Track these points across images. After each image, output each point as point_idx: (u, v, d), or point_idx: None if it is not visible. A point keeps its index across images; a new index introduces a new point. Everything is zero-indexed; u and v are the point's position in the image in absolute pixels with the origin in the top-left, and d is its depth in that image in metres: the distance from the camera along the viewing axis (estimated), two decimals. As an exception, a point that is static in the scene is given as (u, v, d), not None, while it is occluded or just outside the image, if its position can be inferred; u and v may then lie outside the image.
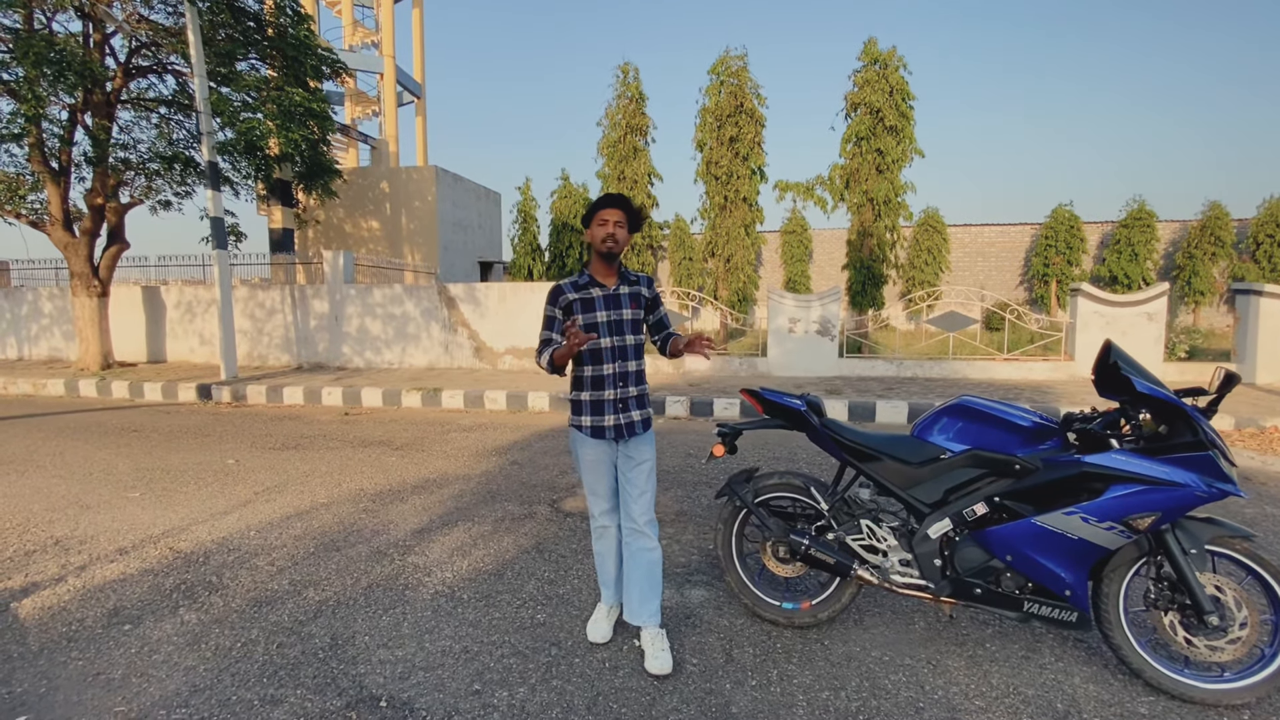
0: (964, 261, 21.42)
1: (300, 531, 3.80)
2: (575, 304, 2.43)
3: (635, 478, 2.47)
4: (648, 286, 2.55)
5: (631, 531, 2.49)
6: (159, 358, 11.79)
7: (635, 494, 2.48)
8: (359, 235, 16.76)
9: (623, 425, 2.44)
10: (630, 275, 2.54)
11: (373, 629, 2.70)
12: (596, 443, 2.47)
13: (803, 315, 9.69)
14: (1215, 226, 17.99)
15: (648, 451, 2.50)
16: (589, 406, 2.46)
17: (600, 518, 2.55)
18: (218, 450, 5.83)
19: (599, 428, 2.45)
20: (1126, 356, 2.27)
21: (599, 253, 2.42)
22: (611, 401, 2.43)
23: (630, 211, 2.40)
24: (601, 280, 2.47)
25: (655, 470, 2.52)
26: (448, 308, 10.65)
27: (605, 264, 2.46)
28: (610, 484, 2.52)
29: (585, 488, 2.55)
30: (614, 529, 2.56)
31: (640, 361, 2.50)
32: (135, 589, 3.09)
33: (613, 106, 11.84)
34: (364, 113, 22.30)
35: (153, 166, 10.36)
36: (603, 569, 2.63)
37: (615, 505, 2.54)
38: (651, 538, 2.48)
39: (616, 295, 2.46)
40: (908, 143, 10.37)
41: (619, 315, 2.44)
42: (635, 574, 2.48)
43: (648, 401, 2.55)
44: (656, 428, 6.67)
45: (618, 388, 2.44)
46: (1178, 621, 2.22)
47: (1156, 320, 9.01)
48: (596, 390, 2.44)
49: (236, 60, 10.32)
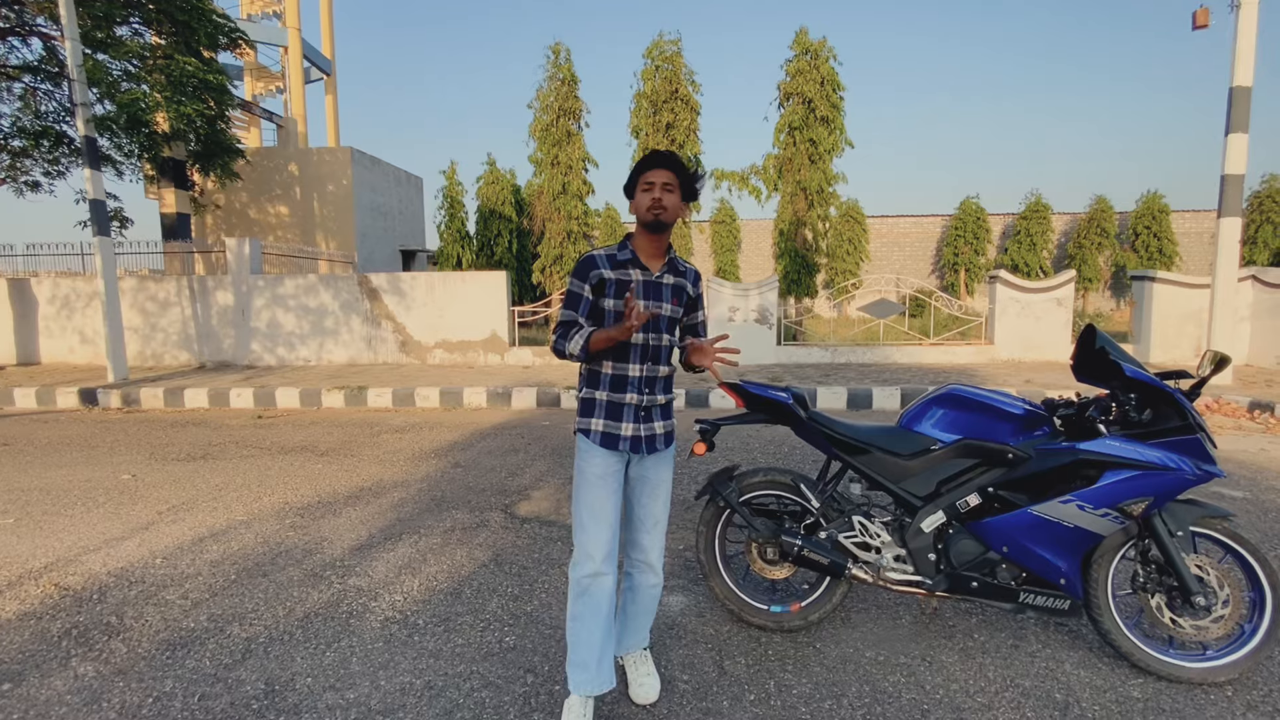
0: (881, 251, 22.34)
1: (217, 556, 3.34)
2: (610, 284, 1.94)
3: (651, 504, 2.07)
4: (694, 283, 2.09)
5: (640, 565, 2.10)
6: (31, 359, 10.42)
7: (650, 523, 2.08)
8: (266, 221, 15.48)
9: (643, 438, 1.99)
10: (680, 264, 2.07)
11: (316, 668, 2.35)
12: (607, 454, 1.99)
13: (741, 304, 9.71)
14: (1101, 219, 19.57)
15: (667, 473, 2.10)
16: (604, 407, 1.99)
17: (599, 563, 1.94)
18: (109, 464, 5.13)
19: (612, 435, 1.97)
20: (1113, 342, 2.26)
21: (644, 224, 1.95)
22: (633, 407, 1.99)
23: (682, 172, 1.93)
24: (645, 261, 1.99)
25: (670, 495, 2.12)
26: (369, 299, 9.97)
27: (652, 239, 1.98)
28: (616, 510, 2.01)
29: (578, 517, 1.99)
30: (610, 579, 1.97)
31: (671, 367, 2.07)
32: (14, 638, 2.58)
33: (544, 89, 11.40)
34: (266, 89, 20.62)
35: (17, 143, 9.08)
36: (583, 641, 1.95)
37: (616, 544, 2.01)
38: (659, 573, 2.12)
39: (659, 284, 1.99)
40: (839, 133, 10.56)
41: (658, 308, 1.97)
42: (633, 609, 2.14)
43: (672, 413, 2.12)
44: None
45: (643, 393, 1.99)
46: (1164, 603, 2.24)
47: (1065, 305, 9.62)
48: (616, 392, 1.98)
49: (116, 24, 9.19)
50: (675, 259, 2.06)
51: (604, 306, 1.95)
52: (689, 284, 2.07)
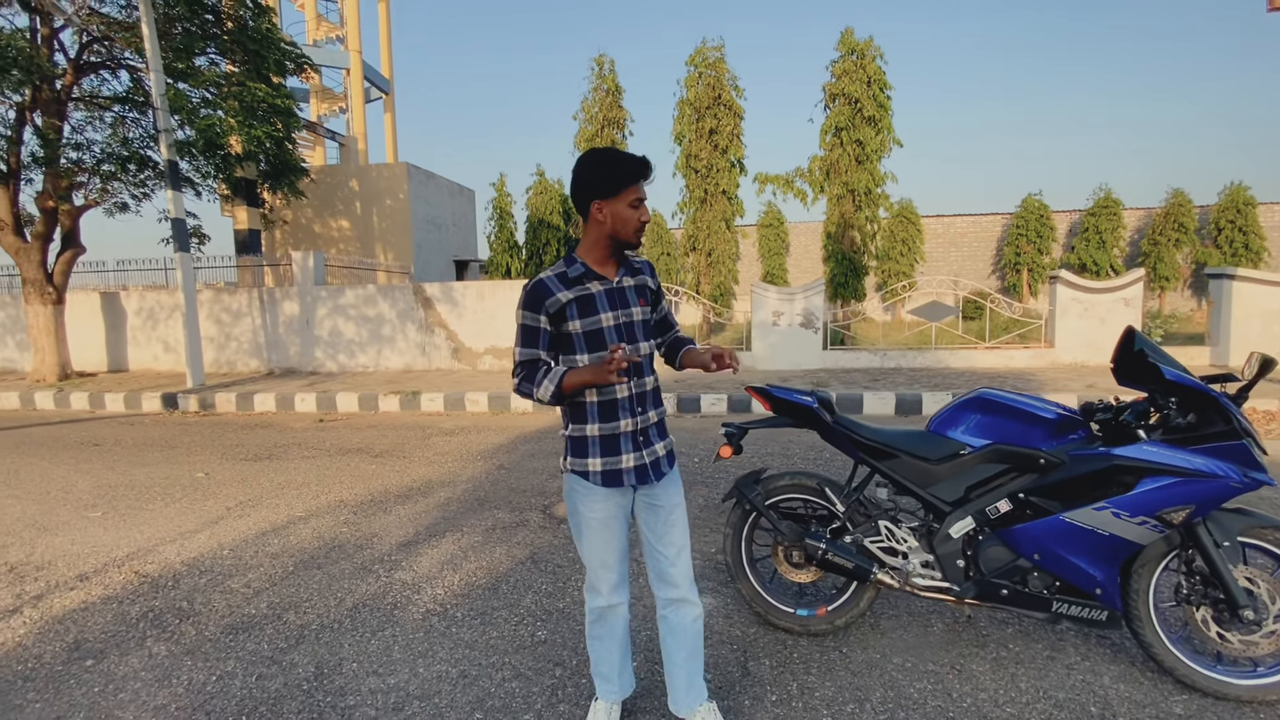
0: (937, 252, 21.65)
1: (278, 549, 3.58)
2: (570, 306, 1.74)
3: (668, 533, 1.88)
4: (652, 275, 1.92)
5: (673, 603, 1.90)
6: (120, 366, 11.29)
7: (672, 555, 1.88)
8: (329, 235, 16.29)
9: (647, 465, 1.82)
10: (634, 262, 1.88)
11: (361, 654, 2.51)
12: (609, 493, 1.81)
13: (786, 308, 9.62)
14: (1178, 213, 18.42)
15: (677, 495, 1.91)
16: (599, 444, 1.80)
17: (609, 595, 1.88)
18: (186, 463, 5.53)
19: (614, 472, 1.80)
20: (1153, 344, 2.18)
21: (620, 240, 1.76)
22: (629, 435, 1.80)
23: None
24: (600, 270, 1.80)
25: (687, 515, 1.95)
26: (424, 308, 10.36)
27: (611, 250, 1.80)
28: (624, 547, 1.89)
29: (586, 558, 1.87)
30: (623, 606, 1.92)
31: (656, 376, 1.91)
32: (98, 619, 2.85)
33: (589, 100, 11.62)
34: (330, 109, 21.72)
35: (107, 167, 9.87)
36: (603, 660, 1.96)
37: (626, 573, 1.92)
38: (697, 603, 1.93)
39: (621, 289, 1.81)
40: (886, 133, 10.36)
41: (629, 316, 1.81)
42: (680, 654, 1.91)
43: (667, 429, 1.96)
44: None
45: (636, 415, 1.80)
46: (1210, 616, 2.14)
47: (1133, 306, 9.12)
48: (608, 421, 1.79)
49: (194, 55, 9.88)
50: (629, 259, 1.89)
51: (568, 331, 1.76)
52: (649, 278, 1.91)
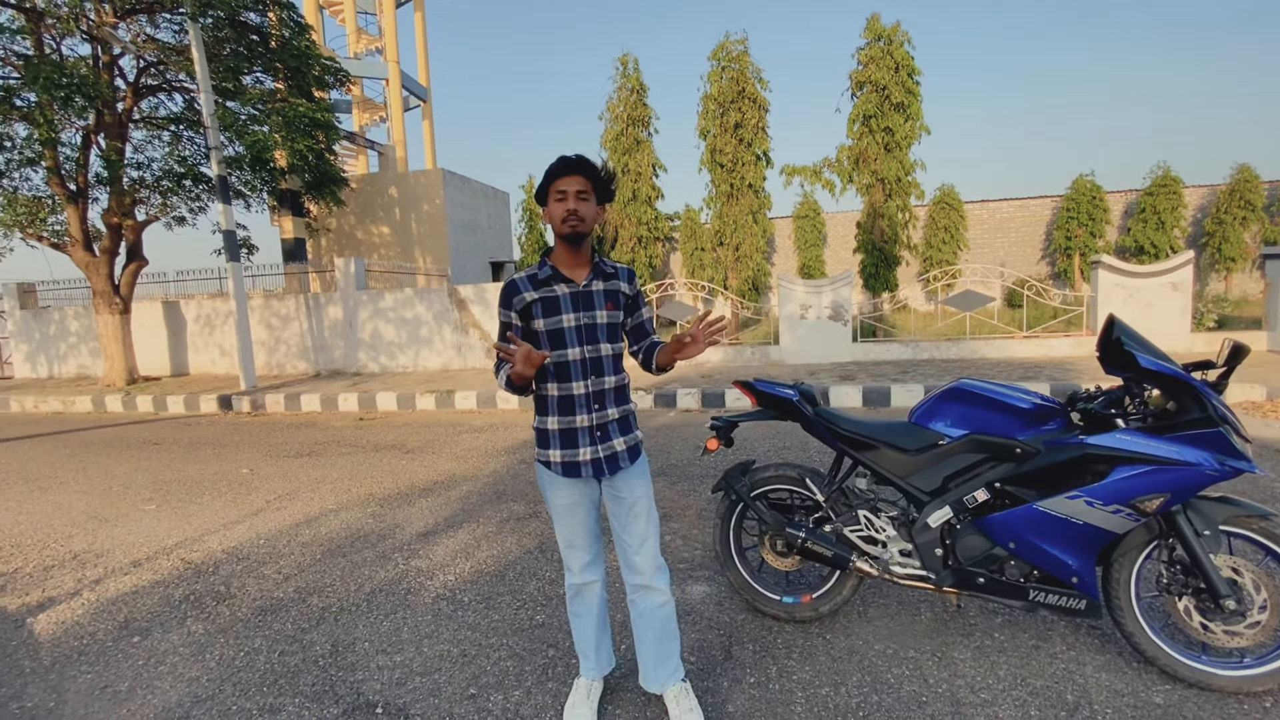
0: (983, 238, 20.97)
1: (308, 538, 3.84)
2: (535, 305, 1.90)
3: (632, 523, 2.01)
4: (628, 282, 2.01)
5: (638, 588, 2.04)
6: (182, 370, 12.04)
7: (635, 543, 2.01)
8: (370, 241, 16.91)
9: (603, 459, 1.95)
10: (607, 266, 1.99)
11: (373, 634, 2.71)
12: (571, 483, 1.97)
13: (814, 301, 9.55)
14: (1245, 190, 17.35)
15: (641, 488, 2.02)
16: (558, 437, 1.95)
17: (580, 573, 2.05)
18: (234, 460, 5.92)
19: (572, 464, 1.94)
20: (1130, 330, 2.17)
21: (561, 236, 1.88)
22: (586, 430, 1.93)
23: (594, 177, 1.86)
24: (568, 273, 1.93)
25: (655, 507, 2.06)
26: (458, 309, 10.70)
27: (571, 250, 1.91)
28: (592, 531, 2.04)
29: (558, 537, 2.05)
30: (598, 584, 2.08)
31: (621, 376, 2.01)
32: (146, 601, 3.14)
33: (613, 99, 11.75)
34: (372, 119, 22.45)
35: (166, 184, 10.54)
36: (581, 635, 2.13)
37: (598, 554, 2.08)
38: (663, 590, 2.04)
39: (588, 292, 1.92)
40: (916, 119, 10.14)
41: (592, 318, 1.92)
42: (648, 635, 2.06)
43: (634, 424, 2.06)
44: (667, 421, 6.64)
45: (593, 411, 1.94)
46: (1193, 606, 2.12)
47: (1182, 290, 8.72)
48: (565, 415, 1.93)
49: (242, 74, 10.45)
50: (602, 262, 1.99)
51: (535, 329, 1.92)
52: (623, 284, 2.00)
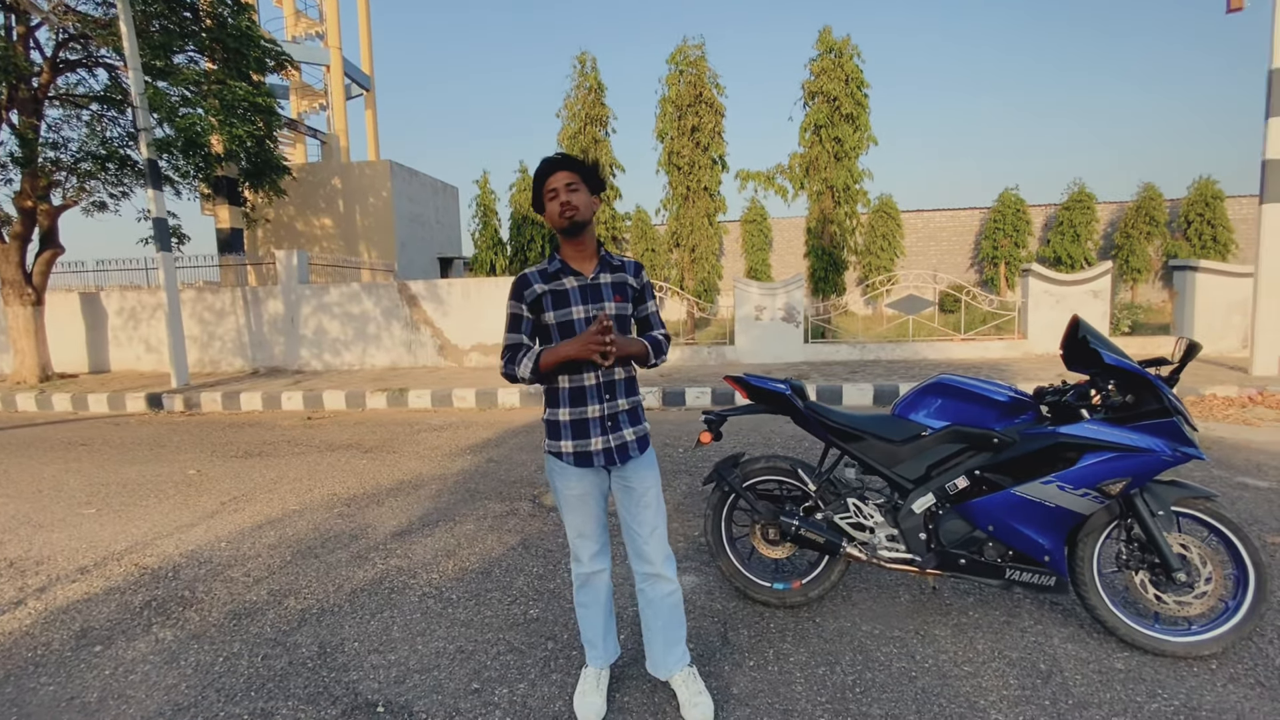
0: (917, 246, 22.01)
1: (274, 540, 3.68)
2: (545, 298, 1.95)
3: (641, 513, 2.05)
4: (635, 274, 2.06)
5: (648, 577, 2.09)
6: (102, 367, 11.21)
7: (646, 533, 2.05)
8: (312, 233, 16.22)
9: (614, 449, 1.99)
10: (613, 260, 2.05)
11: (362, 635, 2.64)
12: (583, 473, 2.01)
13: (768, 303, 9.81)
14: (1149, 207, 18.90)
15: (650, 477, 2.07)
16: (569, 428, 1.99)
17: (589, 562, 2.08)
18: (176, 461, 5.59)
19: (584, 453, 1.98)
20: (1094, 331, 2.37)
21: (561, 231, 1.95)
22: (598, 420, 1.97)
23: (581, 170, 1.94)
24: (576, 266, 1.99)
25: (663, 497, 2.11)
26: (409, 305, 10.41)
27: (575, 244, 1.97)
28: (601, 521, 2.09)
29: (567, 528, 2.09)
30: (605, 574, 2.12)
31: (630, 367, 2.05)
32: (102, 608, 2.95)
33: (571, 98, 11.70)
34: (310, 106, 21.54)
35: (85, 166, 9.79)
36: (588, 624, 2.15)
37: (606, 544, 2.12)
38: (672, 579, 2.09)
39: (596, 285, 1.98)
40: (864, 130, 10.57)
41: (600, 310, 1.96)
42: (657, 623, 2.11)
43: (642, 416, 2.10)
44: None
45: (604, 401, 1.98)
46: (1148, 580, 2.34)
47: (1101, 297, 9.44)
48: (577, 407, 1.98)
49: (173, 53, 9.84)
50: (608, 255, 2.06)
51: (545, 322, 1.97)
52: (630, 276, 2.06)
